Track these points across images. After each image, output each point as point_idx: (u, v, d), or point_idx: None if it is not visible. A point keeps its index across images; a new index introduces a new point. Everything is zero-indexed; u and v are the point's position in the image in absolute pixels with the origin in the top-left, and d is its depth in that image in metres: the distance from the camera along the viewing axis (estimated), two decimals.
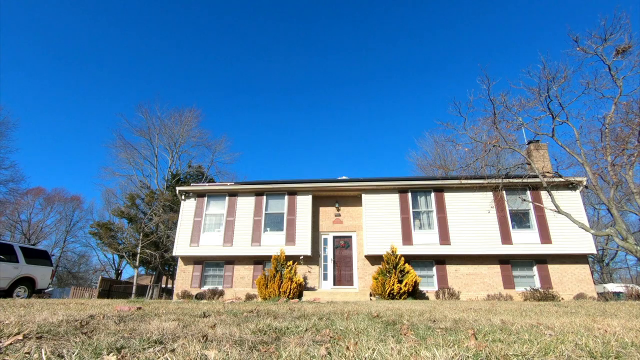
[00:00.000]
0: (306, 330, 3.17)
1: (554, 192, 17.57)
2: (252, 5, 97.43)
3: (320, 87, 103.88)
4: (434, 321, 4.21)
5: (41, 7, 78.59)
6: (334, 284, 21.71)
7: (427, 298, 19.75)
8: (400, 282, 17.92)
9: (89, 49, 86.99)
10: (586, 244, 20.11)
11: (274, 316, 4.73)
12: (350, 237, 22.77)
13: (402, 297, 17.65)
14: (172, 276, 40.62)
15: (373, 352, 1.94)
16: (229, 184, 26.74)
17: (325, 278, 21.93)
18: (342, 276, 21.97)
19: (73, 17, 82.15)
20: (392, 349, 2.00)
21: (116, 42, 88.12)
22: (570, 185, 20.96)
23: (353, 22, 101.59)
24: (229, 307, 6.91)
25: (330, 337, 2.55)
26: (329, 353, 1.94)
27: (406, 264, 18.77)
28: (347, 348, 2.04)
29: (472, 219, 21.48)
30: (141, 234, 38.89)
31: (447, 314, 5.32)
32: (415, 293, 18.45)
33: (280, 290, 18.12)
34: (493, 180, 19.13)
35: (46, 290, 17.72)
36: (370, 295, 19.56)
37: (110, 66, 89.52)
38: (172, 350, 1.90)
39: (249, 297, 20.15)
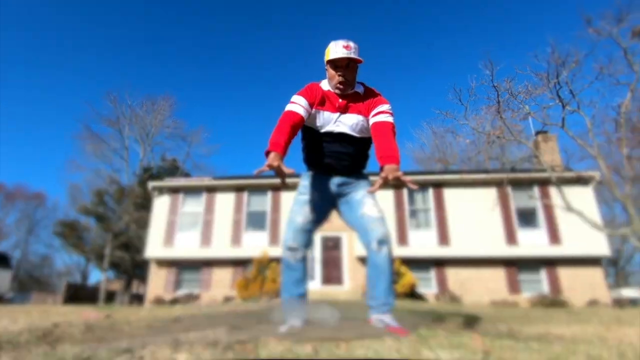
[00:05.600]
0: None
1: (564, 188, 17.65)
2: None
3: (306, 76, 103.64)
4: (434, 322, 4.23)
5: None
6: (322, 284, 21.72)
7: (426, 300, 19.85)
8: (394, 283, 18.00)
9: (53, 30, 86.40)
10: (599, 245, 20.22)
11: (255, 316, 4.73)
12: (339, 237, 22.74)
13: (397, 299, 17.73)
14: (144, 280, 40.58)
15: (368, 350, 1.93)
16: (206, 179, 26.73)
17: (312, 279, 21.97)
18: (331, 278, 22.01)
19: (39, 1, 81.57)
20: (390, 347, 2.00)
21: (82, 22, 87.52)
22: (581, 181, 21.07)
23: (347, 11, 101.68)
24: (205, 310, 6.93)
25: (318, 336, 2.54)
26: (316, 351, 1.93)
27: (402, 266, 18.84)
28: (337, 346, 2.03)
29: (474, 218, 21.57)
30: (110, 234, 38.76)
31: (447, 316, 5.34)
32: (412, 296, 18.53)
33: (262, 291, 18.14)
34: (497, 175, 19.22)
35: (6, 297, 17.68)
36: (362, 295, 19.63)
37: (76, 49, 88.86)
38: (140, 357, 1.89)
39: (228, 300, 20.15)
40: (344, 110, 3.60)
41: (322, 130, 3.65)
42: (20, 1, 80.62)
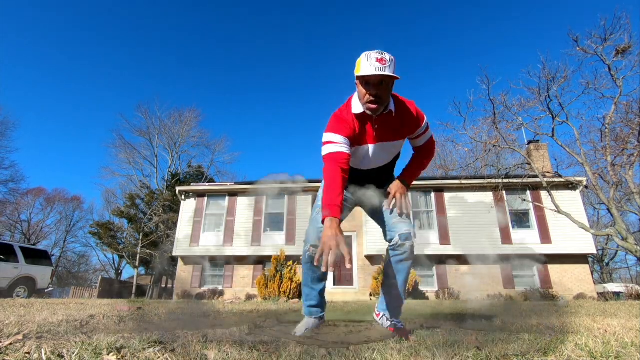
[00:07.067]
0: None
1: (554, 192, 17.53)
2: (253, 5, 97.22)
3: (320, 87, 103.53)
4: (435, 321, 4.21)
5: (41, 5, 78.45)
6: (334, 284, 21.67)
7: (427, 298, 19.72)
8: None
9: (90, 49, 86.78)
10: (586, 244, 20.10)
11: (274, 316, 4.74)
12: (350, 236, 22.62)
13: None
14: (172, 276, 40.53)
15: (373, 352, 1.94)
16: (228, 184, 26.80)
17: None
18: (342, 276, 21.94)
19: (73, 17, 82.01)
20: (392, 349, 2.01)
21: (116, 42, 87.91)
22: (570, 185, 20.95)
23: (351, 20, 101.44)
24: (229, 307, 6.92)
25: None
26: (329, 353, 1.94)
27: None
28: (347, 348, 2.05)
29: (472, 219, 21.48)
30: (141, 234, 38.85)
31: (447, 314, 5.33)
32: (415, 293, 18.46)
33: (281, 290, 18.10)
34: (493, 180, 19.11)
35: (46, 290, 17.69)
36: (370, 295, 19.56)
37: (110, 66, 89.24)
38: (172, 350, 1.90)
39: (249, 297, 20.12)
40: (379, 138, 3.02)
41: (355, 164, 3.13)
42: (55, 18, 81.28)
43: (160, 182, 44.09)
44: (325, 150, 2.89)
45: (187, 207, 24.32)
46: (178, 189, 24.83)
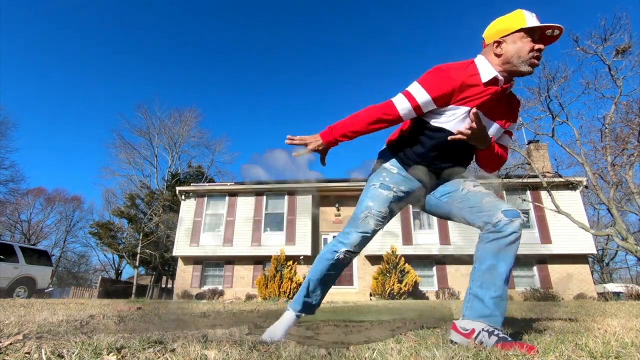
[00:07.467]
0: (307, 329, 3.18)
1: (554, 192, 17.55)
2: (254, 5, 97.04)
3: (320, 87, 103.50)
4: (434, 320, 4.21)
5: (42, 6, 78.39)
6: (335, 285, 21.63)
7: (427, 298, 19.71)
8: (400, 282, 17.94)
9: (90, 49, 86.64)
10: (586, 244, 20.07)
11: (274, 316, 4.75)
12: None
13: (402, 297, 17.65)
14: (172, 276, 40.46)
15: (373, 352, 1.94)
16: (228, 184, 26.77)
17: None
18: (342, 276, 21.85)
19: (74, 17, 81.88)
20: (392, 349, 2.01)
21: (116, 42, 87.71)
22: (570, 185, 20.93)
23: (352, 21, 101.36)
24: (229, 307, 6.92)
25: None
26: (329, 353, 1.94)
27: (406, 264, 18.75)
28: (347, 348, 2.05)
29: None
30: (141, 234, 38.83)
31: (446, 314, 5.32)
32: (415, 293, 18.47)
33: (281, 290, 18.09)
34: (493, 180, 19.09)
35: (46, 290, 17.68)
36: (370, 295, 19.55)
37: (110, 66, 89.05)
38: (172, 350, 1.91)
39: (249, 297, 20.10)
40: (489, 114, 2.38)
41: (448, 131, 2.40)
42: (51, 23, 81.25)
43: (160, 182, 44.09)
44: (395, 100, 2.38)
45: (187, 207, 24.31)
46: (178, 189, 24.84)
